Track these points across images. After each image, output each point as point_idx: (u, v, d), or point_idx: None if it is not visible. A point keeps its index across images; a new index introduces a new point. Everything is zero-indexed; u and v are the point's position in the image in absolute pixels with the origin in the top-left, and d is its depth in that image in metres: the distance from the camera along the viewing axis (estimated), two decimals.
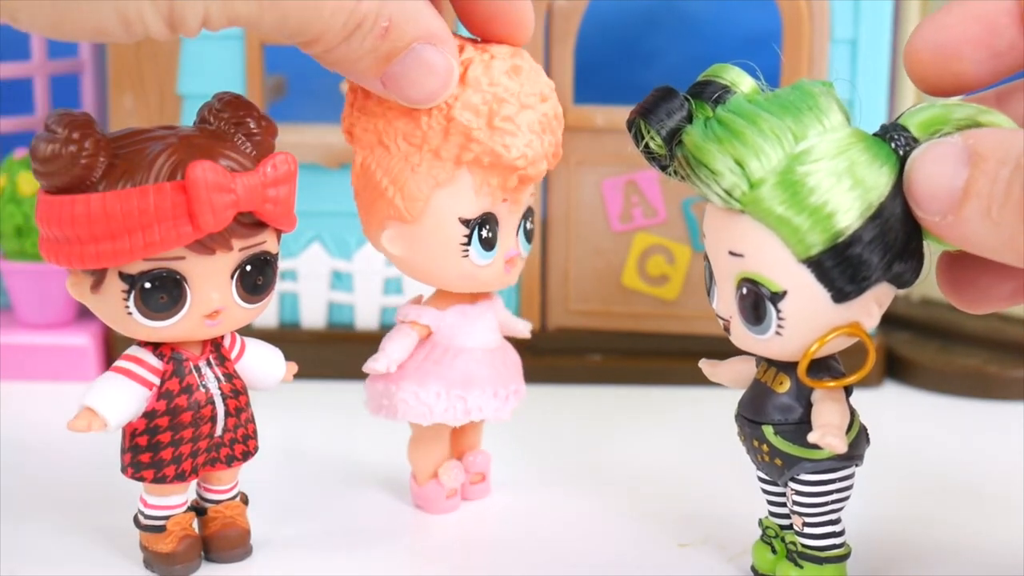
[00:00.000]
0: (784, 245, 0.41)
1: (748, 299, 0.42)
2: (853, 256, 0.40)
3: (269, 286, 0.47)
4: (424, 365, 0.53)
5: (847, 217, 0.40)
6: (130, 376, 0.46)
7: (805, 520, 0.46)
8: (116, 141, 0.44)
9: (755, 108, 0.41)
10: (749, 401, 0.46)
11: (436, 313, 0.53)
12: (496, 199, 0.50)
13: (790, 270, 0.41)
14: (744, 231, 0.41)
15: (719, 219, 0.43)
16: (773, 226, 0.41)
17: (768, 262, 0.41)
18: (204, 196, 0.43)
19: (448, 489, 0.54)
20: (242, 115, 0.46)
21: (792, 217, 0.40)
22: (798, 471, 0.45)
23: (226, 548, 0.50)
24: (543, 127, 0.49)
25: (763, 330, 0.42)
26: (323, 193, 0.71)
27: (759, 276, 0.42)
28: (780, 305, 0.42)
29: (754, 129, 0.41)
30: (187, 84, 0.70)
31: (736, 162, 0.41)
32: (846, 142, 0.41)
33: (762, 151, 0.41)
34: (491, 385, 0.53)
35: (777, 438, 0.45)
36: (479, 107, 0.48)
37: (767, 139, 0.41)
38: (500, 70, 0.49)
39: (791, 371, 0.44)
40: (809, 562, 0.46)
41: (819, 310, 0.42)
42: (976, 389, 0.70)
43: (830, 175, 0.40)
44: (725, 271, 0.43)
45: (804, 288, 0.41)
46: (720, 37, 0.82)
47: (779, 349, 0.43)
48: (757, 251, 0.41)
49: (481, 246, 0.50)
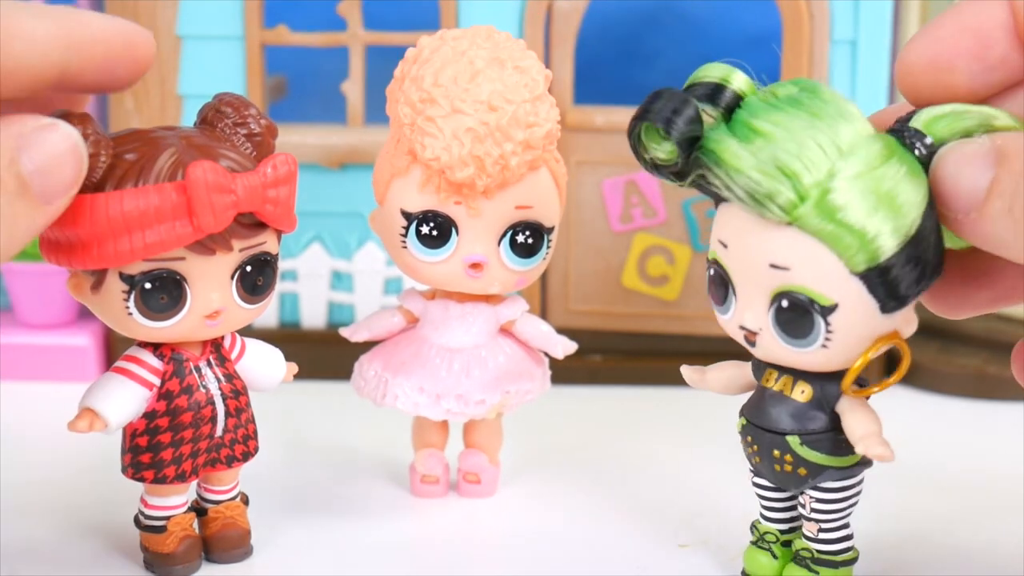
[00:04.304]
0: (837, 258, 0.40)
1: (790, 312, 0.41)
2: (905, 267, 0.40)
3: (269, 287, 0.47)
4: (385, 345, 0.55)
5: (900, 229, 0.40)
6: (130, 377, 0.46)
7: (821, 526, 0.46)
8: (116, 141, 0.44)
9: (784, 115, 0.40)
10: (762, 411, 0.45)
11: (422, 302, 0.55)
12: (443, 199, 0.51)
13: (842, 283, 0.40)
14: (791, 244, 0.40)
15: (754, 230, 0.41)
16: (826, 239, 0.40)
17: (818, 276, 0.40)
18: (204, 196, 0.43)
19: (419, 475, 0.56)
20: (243, 116, 0.46)
21: (847, 230, 0.39)
22: (823, 479, 0.45)
23: (227, 548, 0.50)
24: (479, 136, 0.49)
25: (808, 343, 0.41)
26: (323, 193, 0.71)
27: (807, 290, 0.40)
28: (830, 318, 0.41)
29: (790, 134, 0.40)
30: (187, 84, 0.70)
31: (782, 171, 0.39)
32: (885, 152, 0.40)
33: (808, 157, 0.39)
34: (420, 380, 0.53)
35: (804, 448, 0.44)
36: (416, 103, 0.50)
37: (808, 143, 0.39)
38: (453, 71, 0.50)
39: (812, 379, 0.44)
40: (825, 567, 0.46)
41: (867, 322, 0.41)
42: (976, 389, 0.70)
43: (881, 187, 0.39)
44: (760, 283, 0.42)
45: (855, 301, 0.40)
46: (720, 37, 0.82)
47: (822, 361, 0.42)
48: (806, 265, 0.40)
49: (420, 241, 0.52)
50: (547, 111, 0.51)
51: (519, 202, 0.52)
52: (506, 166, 0.50)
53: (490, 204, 0.51)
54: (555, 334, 0.56)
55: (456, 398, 0.53)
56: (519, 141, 0.50)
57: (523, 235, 0.52)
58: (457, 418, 0.54)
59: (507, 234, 0.52)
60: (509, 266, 0.52)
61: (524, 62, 0.51)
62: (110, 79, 0.43)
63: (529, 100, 0.50)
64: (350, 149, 0.70)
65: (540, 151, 0.51)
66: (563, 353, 0.55)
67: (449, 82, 0.50)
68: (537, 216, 0.52)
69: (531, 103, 0.50)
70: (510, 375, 0.54)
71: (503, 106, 0.50)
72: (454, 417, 0.54)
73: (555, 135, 0.52)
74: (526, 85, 0.51)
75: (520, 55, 0.51)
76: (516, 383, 0.54)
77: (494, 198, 0.51)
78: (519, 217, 0.52)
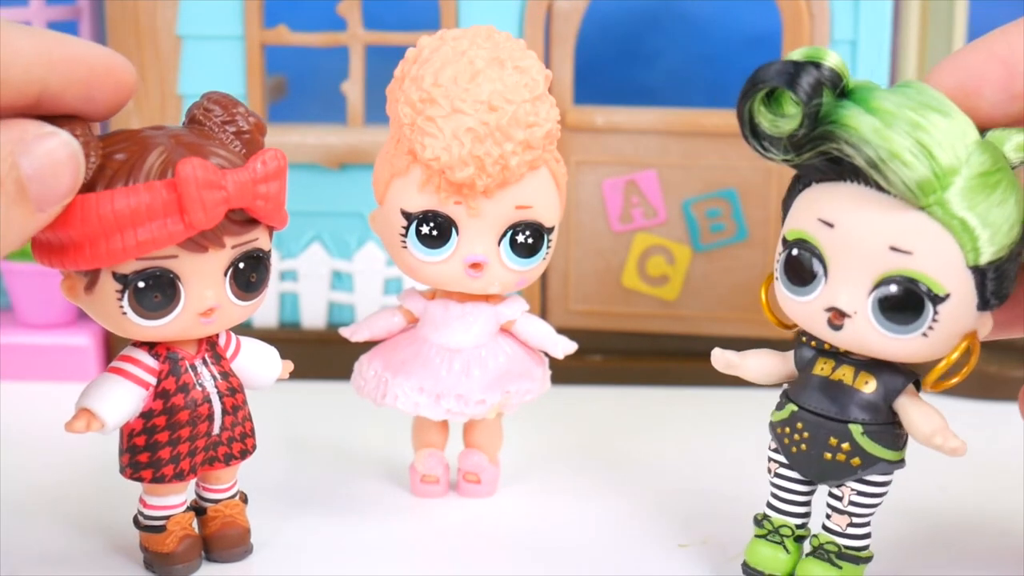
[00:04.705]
0: (959, 249, 0.41)
1: (901, 298, 0.41)
2: (1008, 266, 0.41)
3: (263, 283, 0.47)
4: (385, 345, 0.55)
5: (1013, 230, 0.41)
6: (126, 376, 0.46)
7: (853, 520, 0.46)
8: (105, 142, 0.44)
9: (903, 98, 0.40)
10: (822, 398, 0.45)
11: (422, 302, 0.55)
12: (443, 199, 0.51)
13: (959, 274, 0.41)
14: (919, 229, 0.41)
15: (875, 208, 0.41)
16: (955, 229, 0.40)
17: (940, 265, 0.41)
18: (195, 193, 0.43)
19: (419, 474, 0.56)
20: (231, 114, 0.46)
21: (976, 223, 0.40)
22: (872, 471, 0.45)
23: (227, 547, 0.50)
24: (479, 136, 0.49)
25: (909, 331, 0.42)
26: (323, 193, 0.71)
27: (926, 277, 0.41)
28: (939, 307, 0.41)
29: (932, 123, 0.40)
30: (187, 84, 0.70)
31: (926, 156, 0.40)
32: (996, 151, 0.41)
33: (951, 147, 0.40)
34: (420, 380, 0.53)
35: (864, 438, 0.44)
36: (416, 103, 0.50)
37: (940, 136, 0.40)
38: (453, 71, 0.50)
39: (876, 370, 0.44)
40: (848, 562, 0.46)
41: (966, 316, 0.42)
42: (976, 389, 0.70)
43: (1009, 185, 0.41)
44: (868, 263, 0.42)
45: (965, 294, 0.41)
46: (720, 37, 0.82)
47: (915, 350, 0.42)
48: (930, 251, 0.41)
49: (420, 241, 0.52)
50: (547, 111, 0.51)
51: (519, 202, 0.52)
52: (506, 166, 0.50)
53: (490, 204, 0.51)
54: (555, 334, 0.56)
55: (456, 398, 0.53)
56: (519, 141, 0.50)
57: (523, 235, 0.52)
58: (457, 418, 0.54)
59: (507, 234, 0.52)
60: (509, 266, 0.53)
61: (524, 62, 0.51)
62: (90, 104, 0.42)
63: (529, 100, 0.50)
64: (350, 149, 0.70)
65: (540, 151, 0.51)
66: (563, 353, 0.55)
67: (449, 82, 0.50)
68: (537, 216, 0.52)
69: (531, 103, 0.50)
70: (510, 375, 0.54)
71: (503, 106, 0.50)
72: (454, 417, 0.54)
73: (555, 135, 0.52)
74: (526, 85, 0.51)
75: (520, 55, 0.51)
76: (516, 383, 0.54)
77: (494, 198, 0.51)
78: (519, 217, 0.52)
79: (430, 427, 0.56)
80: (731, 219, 0.70)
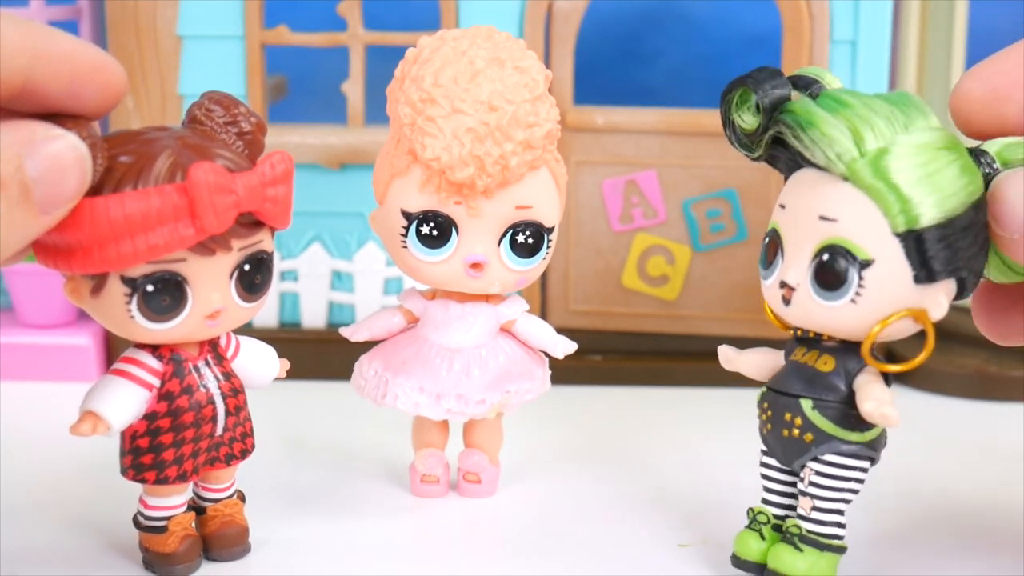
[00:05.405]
0: (881, 216, 0.42)
1: (829, 264, 0.43)
2: (940, 243, 0.42)
3: (266, 285, 0.47)
4: (385, 345, 0.55)
5: (941, 205, 0.42)
6: (130, 378, 0.46)
7: (815, 504, 0.46)
8: (110, 143, 0.44)
9: (868, 97, 0.43)
10: (785, 378, 0.47)
11: (422, 302, 0.55)
12: (444, 199, 0.51)
13: (882, 241, 0.42)
14: (842, 196, 0.42)
15: (811, 184, 0.43)
16: (875, 196, 0.42)
17: (861, 229, 0.42)
18: (207, 198, 0.43)
19: (419, 474, 0.56)
20: (232, 114, 0.46)
21: (893, 190, 0.42)
22: (825, 451, 0.45)
23: (226, 546, 0.50)
24: (479, 136, 0.50)
25: (838, 296, 0.43)
26: (323, 193, 0.71)
27: (849, 242, 0.43)
28: (864, 273, 0.43)
29: (867, 107, 0.42)
30: (188, 84, 0.70)
31: (849, 129, 0.42)
32: (948, 143, 0.43)
33: (876, 125, 0.42)
34: (420, 379, 0.53)
35: (815, 413, 0.45)
36: (416, 103, 0.50)
37: (880, 117, 0.42)
38: (453, 71, 0.50)
39: (837, 353, 0.45)
40: (810, 546, 0.46)
41: (898, 287, 0.43)
42: (976, 389, 0.70)
43: (933, 165, 0.42)
44: (807, 235, 0.44)
45: (891, 261, 0.42)
46: (720, 37, 0.82)
47: (846, 318, 0.44)
48: (852, 217, 0.42)
49: (420, 242, 0.52)
50: (547, 111, 0.51)
51: (519, 202, 0.52)
52: (506, 166, 0.50)
53: (490, 204, 0.51)
54: (555, 334, 0.56)
55: (456, 398, 0.53)
56: (519, 141, 0.50)
57: (523, 235, 0.52)
58: (457, 418, 0.54)
59: (507, 234, 0.52)
60: (509, 266, 0.53)
61: (524, 62, 0.51)
62: (75, 101, 0.42)
63: (529, 100, 0.50)
64: (350, 149, 0.70)
65: (540, 151, 0.51)
66: (563, 353, 0.56)
67: (449, 82, 0.50)
68: (537, 216, 0.52)
69: (531, 103, 0.50)
70: (510, 375, 0.54)
71: (503, 106, 0.50)
72: (454, 417, 0.54)
73: (555, 135, 0.52)
74: (526, 85, 0.51)
75: (520, 55, 0.51)
76: (516, 383, 0.54)
77: (494, 198, 0.51)
78: (519, 217, 0.52)
79: (430, 427, 0.56)
80: (731, 219, 0.71)
